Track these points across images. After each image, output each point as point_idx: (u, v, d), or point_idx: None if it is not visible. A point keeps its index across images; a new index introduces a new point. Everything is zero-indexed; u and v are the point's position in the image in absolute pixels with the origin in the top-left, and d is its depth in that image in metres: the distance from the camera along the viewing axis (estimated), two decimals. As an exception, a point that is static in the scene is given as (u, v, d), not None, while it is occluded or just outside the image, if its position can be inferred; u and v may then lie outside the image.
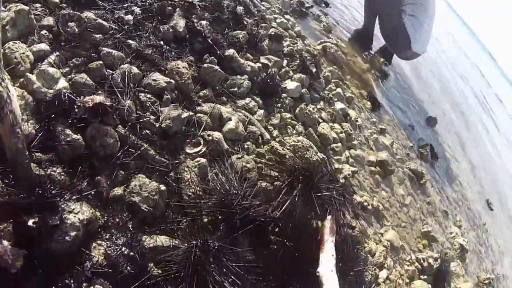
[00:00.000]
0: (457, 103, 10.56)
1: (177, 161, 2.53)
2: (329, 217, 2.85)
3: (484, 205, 7.05)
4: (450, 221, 5.43)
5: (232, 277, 2.21)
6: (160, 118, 2.62)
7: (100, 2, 3.17)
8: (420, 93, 8.30)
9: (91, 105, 2.31)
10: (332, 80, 4.93)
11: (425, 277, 4.09)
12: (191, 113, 2.83)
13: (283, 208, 2.62)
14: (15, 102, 1.96)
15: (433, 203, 5.32)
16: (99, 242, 2.03)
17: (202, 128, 2.79)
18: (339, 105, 4.60)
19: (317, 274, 2.49)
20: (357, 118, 4.80)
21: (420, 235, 4.60)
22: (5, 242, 1.72)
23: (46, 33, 2.66)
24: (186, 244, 2.21)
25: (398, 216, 4.45)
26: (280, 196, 2.70)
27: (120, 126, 2.43)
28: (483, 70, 20.14)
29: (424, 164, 5.96)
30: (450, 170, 6.71)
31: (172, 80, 2.90)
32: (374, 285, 3.29)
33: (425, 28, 6.77)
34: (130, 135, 2.44)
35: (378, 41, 7.51)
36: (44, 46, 2.55)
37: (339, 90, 4.82)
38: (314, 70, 4.43)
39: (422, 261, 4.19)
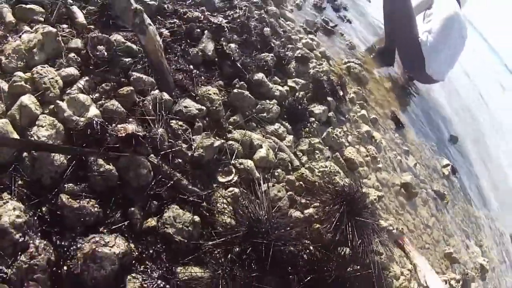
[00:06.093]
0: (479, 122, 10.36)
1: (210, 191, 2.46)
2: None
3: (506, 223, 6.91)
4: (472, 240, 5.29)
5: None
6: (193, 147, 2.55)
7: (128, 24, 3.16)
8: (445, 110, 8.17)
9: (123, 135, 2.24)
10: (357, 102, 4.85)
11: (448, 299, 3.97)
12: (222, 141, 2.76)
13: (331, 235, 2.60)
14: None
15: (455, 223, 5.19)
16: (133, 275, 1.96)
17: (234, 156, 2.74)
18: (364, 128, 4.51)
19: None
20: (382, 140, 4.73)
21: (443, 256, 4.48)
22: None
23: (74, 56, 2.62)
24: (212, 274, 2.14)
25: (422, 238, 4.34)
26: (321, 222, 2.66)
27: (152, 155, 2.36)
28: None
29: (446, 183, 5.81)
30: (471, 189, 6.55)
31: (203, 107, 2.83)
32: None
33: (444, 53, 6.56)
34: (163, 165, 2.36)
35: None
36: (73, 71, 2.50)
37: (363, 112, 4.73)
38: (341, 93, 4.36)
39: (445, 283, 4.08)
